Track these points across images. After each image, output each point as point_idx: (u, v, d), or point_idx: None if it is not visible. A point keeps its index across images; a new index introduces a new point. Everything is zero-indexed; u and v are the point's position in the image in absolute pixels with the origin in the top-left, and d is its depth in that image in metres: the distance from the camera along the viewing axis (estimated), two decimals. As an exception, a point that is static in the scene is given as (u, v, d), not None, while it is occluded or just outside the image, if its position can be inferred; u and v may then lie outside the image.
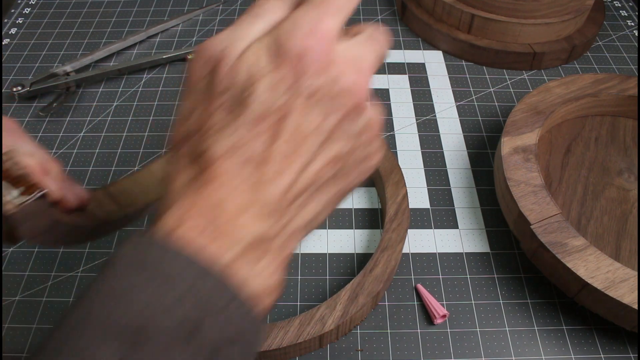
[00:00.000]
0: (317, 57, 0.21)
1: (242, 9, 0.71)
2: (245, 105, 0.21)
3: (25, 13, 0.71)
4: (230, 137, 0.21)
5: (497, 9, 0.60)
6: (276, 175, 0.21)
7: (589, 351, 0.39)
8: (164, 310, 0.19)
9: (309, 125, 0.22)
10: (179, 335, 0.19)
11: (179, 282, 0.19)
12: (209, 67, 0.23)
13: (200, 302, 0.19)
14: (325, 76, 0.22)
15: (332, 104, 0.22)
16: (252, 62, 0.22)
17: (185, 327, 0.19)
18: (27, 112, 0.57)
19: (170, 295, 0.19)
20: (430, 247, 0.45)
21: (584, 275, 0.37)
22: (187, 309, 0.19)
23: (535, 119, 0.48)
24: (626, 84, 0.52)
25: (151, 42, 0.66)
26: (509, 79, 0.61)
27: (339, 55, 0.22)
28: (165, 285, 0.19)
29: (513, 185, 0.43)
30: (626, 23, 0.69)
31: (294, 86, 0.21)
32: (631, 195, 0.47)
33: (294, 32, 0.21)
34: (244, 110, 0.21)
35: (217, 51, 0.22)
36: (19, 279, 0.43)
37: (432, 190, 0.49)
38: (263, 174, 0.21)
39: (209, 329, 0.19)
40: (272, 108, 0.21)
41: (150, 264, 0.19)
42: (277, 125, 0.21)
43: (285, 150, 0.21)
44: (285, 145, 0.21)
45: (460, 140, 0.54)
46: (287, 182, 0.22)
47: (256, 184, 0.21)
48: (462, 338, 0.40)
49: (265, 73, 0.21)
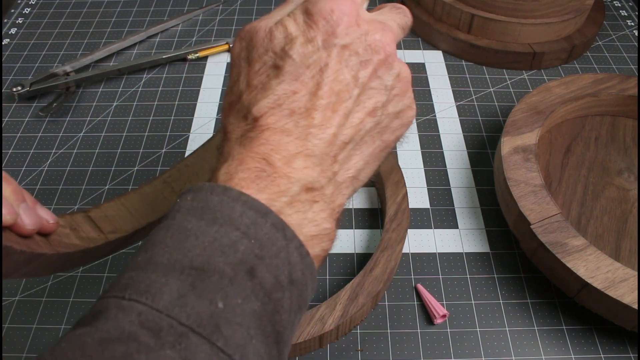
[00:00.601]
0: (345, 16, 0.24)
1: (242, 9, 0.71)
2: (284, 63, 0.23)
3: (25, 13, 0.71)
4: (273, 92, 0.23)
5: (497, 9, 0.60)
6: (320, 125, 0.23)
7: (589, 351, 0.39)
8: (223, 251, 0.20)
9: (345, 77, 0.24)
10: (237, 275, 0.19)
11: (237, 225, 0.20)
12: (247, 40, 0.25)
13: (258, 243, 0.20)
14: (354, 32, 0.24)
15: (363, 57, 0.24)
16: (286, 26, 0.24)
17: (243, 267, 0.20)
18: (27, 112, 0.57)
19: (228, 237, 0.20)
20: (430, 247, 0.45)
21: (584, 275, 0.37)
22: (245, 250, 0.20)
23: (535, 118, 0.48)
24: (626, 84, 0.52)
25: (151, 42, 0.66)
26: (509, 79, 0.61)
27: (364, 19, 0.25)
28: (224, 228, 0.20)
29: (513, 185, 0.43)
30: (626, 23, 0.69)
31: (327, 41, 0.23)
32: (631, 195, 0.47)
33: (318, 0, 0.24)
34: (284, 67, 0.23)
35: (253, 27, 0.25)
36: (19, 279, 0.43)
37: (432, 190, 0.49)
38: (308, 125, 0.23)
39: (266, 269, 0.20)
40: (309, 62, 0.23)
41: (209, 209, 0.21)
42: (315, 78, 0.23)
43: (326, 101, 0.23)
44: (325, 96, 0.23)
45: (460, 140, 0.54)
46: (331, 132, 0.23)
47: (302, 134, 0.23)
48: (462, 338, 0.40)
49: (300, 33, 0.24)
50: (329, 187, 0.23)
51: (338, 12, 0.24)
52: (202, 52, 0.63)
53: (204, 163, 0.37)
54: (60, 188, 0.49)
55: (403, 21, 0.27)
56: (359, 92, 0.24)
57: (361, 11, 0.25)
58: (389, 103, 0.25)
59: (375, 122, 0.25)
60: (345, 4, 0.24)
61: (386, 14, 0.27)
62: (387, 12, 0.27)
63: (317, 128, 0.23)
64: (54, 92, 0.59)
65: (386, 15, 0.27)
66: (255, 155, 0.22)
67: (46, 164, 0.52)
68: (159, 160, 0.52)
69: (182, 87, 0.60)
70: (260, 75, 0.24)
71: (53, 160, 0.52)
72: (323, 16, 0.24)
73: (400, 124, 0.26)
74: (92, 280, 0.43)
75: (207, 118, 0.56)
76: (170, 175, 0.37)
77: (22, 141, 0.54)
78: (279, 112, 0.23)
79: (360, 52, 0.24)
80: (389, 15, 0.27)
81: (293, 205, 0.22)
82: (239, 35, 0.25)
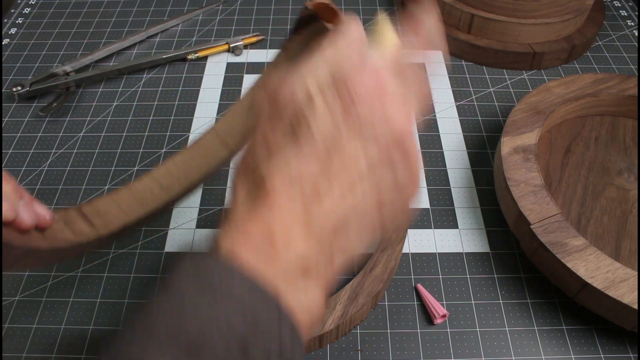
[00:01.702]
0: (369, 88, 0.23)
1: (242, 9, 0.71)
2: (301, 130, 0.23)
3: (25, 13, 0.71)
4: (285, 156, 0.23)
5: (497, 9, 0.60)
6: (325, 195, 0.23)
7: (589, 351, 0.39)
8: (220, 327, 0.19)
9: (356, 152, 0.23)
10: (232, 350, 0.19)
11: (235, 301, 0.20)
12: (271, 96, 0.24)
13: (254, 321, 0.20)
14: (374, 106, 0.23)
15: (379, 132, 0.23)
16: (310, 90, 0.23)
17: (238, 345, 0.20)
18: (27, 112, 0.57)
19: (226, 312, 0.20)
20: (430, 247, 0.45)
21: (584, 275, 0.37)
22: (240, 328, 0.20)
23: (535, 118, 0.48)
24: (626, 84, 0.52)
25: (151, 42, 0.66)
26: (509, 79, 0.61)
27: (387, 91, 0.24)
28: (222, 302, 0.20)
29: (513, 185, 0.43)
30: (626, 23, 0.69)
31: (347, 111, 0.23)
32: (631, 195, 0.47)
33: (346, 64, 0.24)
34: (300, 133, 0.23)
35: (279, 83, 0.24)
36: (19, 279, 0.43)
37: (432, 190, 0.49)
38: (312, 194, 0.22)
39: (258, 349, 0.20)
40: (325, 132, 0.23)
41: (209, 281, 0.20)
42: (328, 149, 0.23)
43: (335, 172, 0.23)
44: (334, 168, 0.23)
45: (460, 140, 0.54)
46: (334, 203, 0.23)
47: (306, 203, 0.22)
48: (462, 338, 0.40)
49: (321, 100, 0.23)
50: (324, 260, 0.23)
51: (361, 83, 0.23)
52: (202, 52, 0.63)
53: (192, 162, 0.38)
54: (60, 188, 0.49)
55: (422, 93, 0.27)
56: (367, 167, 0.24)
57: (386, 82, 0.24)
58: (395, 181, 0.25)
59: (377, 199, 0.24)
60: (369, 76, 0.24)
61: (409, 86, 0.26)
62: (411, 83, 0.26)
63: (321, 198, 0.23)
64: (54, 92, 0.59)
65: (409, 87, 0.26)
66: (258, 224, 0.22)
67: (46, 164, 0.52)
68: (159, 160, 0.52)
69: (182, 87, 0.60)
70: (276, 137, 0.24)
71: (53, 160, 0.52)
72: (346, 86, 0.23)
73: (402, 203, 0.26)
74: (92, 280, 0.43)
75: (207, 118, 0.56)
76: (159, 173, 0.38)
77: (22, 141, 0.54)
78: (286, 177, 0.23)
79: (377, 127, 0.24)
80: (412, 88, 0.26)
81: (289, 280, 0.22)
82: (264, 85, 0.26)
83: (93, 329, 0.40)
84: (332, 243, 0.23)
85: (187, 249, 0.45)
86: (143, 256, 0.44)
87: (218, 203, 0.48)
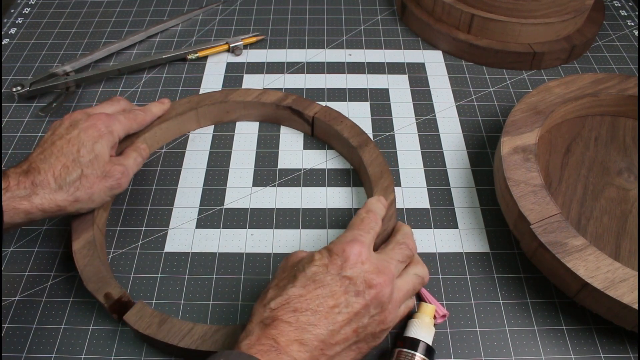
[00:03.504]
0: (353, 255, 0.34)
1: (242, 9, 0.71)
2: (300, 275, 0.34)
3: (25, 13, 0.71)
4: (286, 293, 0.33)
5: (497, 9, 0.60)
6: (314, 325, 0.31)
7: (589, 351, 0.39)
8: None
9: (340, 299, 0.32)
10: None
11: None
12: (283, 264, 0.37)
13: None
14: (358, 268, 0.33)
15: (360, 288, 0.33)
16: (314, 254, 0.35)
17: None
18: (26, 112, 0.57)
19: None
20: (430, 247, 0.45)
21: (584, 275, 0.37)
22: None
23: (535, 118, 0.48)
24: (626, 84, 0.52)
25: (151, 42, 0.66)
26: (509, 79, 0.61)
27: (369, 259, 0.34)
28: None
29: (513, 185, 0.43)
30: (626, 23, 0.69)
31: (337, 270, 0.33)
32: (631, 195, 0.47)
33: (338, 243, 0.35)
34: (298, 277, 0.33)
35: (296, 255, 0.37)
36: (19, 279, 0.43)
37: (432, 190, 0.49)
38: (305, 322, 0.31)
39: None
40: (316, 278, 0.33)
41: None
42: (318, 291, 0.32)
43: (322, 310, 0.32)
44: (322, 307, 0.32)
45: (460, 140, 0.54)
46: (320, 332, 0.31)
47: (300, 328, 0.31)
48: (462, 338, 0.40)
49: (319, 261, 0.34)
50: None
51: (348, 252, 0.34)
52: (201, 52, 0.63)
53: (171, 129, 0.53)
54: (60, 188, 0.49)
55: (404, 255, 0.37)
56: (349, 313, 0.32)
57: (369, 253, 0.35)
58: (370, 326, 0.33)
59: (356, 339, 0.33)
60: (355, 247, 0.34)
61: (389, 252, 0.37)
62: (390, 250, 0.37)
63: (311, 326, 0.31)
64: (54, 92, 0.59)
65: (389, 253, 0.37)
66: (268, 336, 0.31)
67: (46, 164, 0.52)
68: (159, 160, 0.52)
69: (182, 87, 0.60)
70: (283, 280, 0.34)
71: (53, 160, 0.52)
72: (337, 253, 0.34)
73: (374, 340, 0.35)
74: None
75: (207, 118, 0.56)
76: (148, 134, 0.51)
77: (22, 141, 0.54)
78: (287, 308, 0.32)
79: (358, 284, 0.33)
80: (392, 254, 0.37)
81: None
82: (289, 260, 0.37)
83: (93, 329, 0.40)
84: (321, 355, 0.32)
85: (187, 249, 0.45)
86: (143, 256, 0.44)
87: (218, 203, 0.48)
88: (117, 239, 0.45)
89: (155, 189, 0.49)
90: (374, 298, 0.33)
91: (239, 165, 0.51)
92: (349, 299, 0.33)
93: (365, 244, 0.35)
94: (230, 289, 0.42)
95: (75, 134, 0.41)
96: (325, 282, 0.33)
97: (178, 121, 0.52)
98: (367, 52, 0.64)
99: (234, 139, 0.54)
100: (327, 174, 0.51)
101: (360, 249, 0.34)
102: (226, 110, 0.54)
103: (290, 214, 0.47)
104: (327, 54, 0.64)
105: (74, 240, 0.41)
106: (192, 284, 0.42)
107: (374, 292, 0.33)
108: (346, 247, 0.34)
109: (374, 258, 0.35)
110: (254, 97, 0.53)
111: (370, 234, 0.36)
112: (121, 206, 0.48)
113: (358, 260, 0.34)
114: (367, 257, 0.34)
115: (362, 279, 0.33)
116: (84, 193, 0.40)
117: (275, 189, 0.49)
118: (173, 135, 0.53)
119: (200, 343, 0.36)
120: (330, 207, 0.48)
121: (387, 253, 0.37)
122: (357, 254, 0.34)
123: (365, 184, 0.48)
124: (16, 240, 0.46)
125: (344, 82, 0.60)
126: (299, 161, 0.52)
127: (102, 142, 0.42)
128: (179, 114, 0.52)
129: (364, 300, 0.33)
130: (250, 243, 0.45)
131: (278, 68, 0.62)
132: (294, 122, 0.54)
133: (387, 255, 0.37)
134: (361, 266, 0.34)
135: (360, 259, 0.34)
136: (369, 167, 0.46)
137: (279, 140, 0.54)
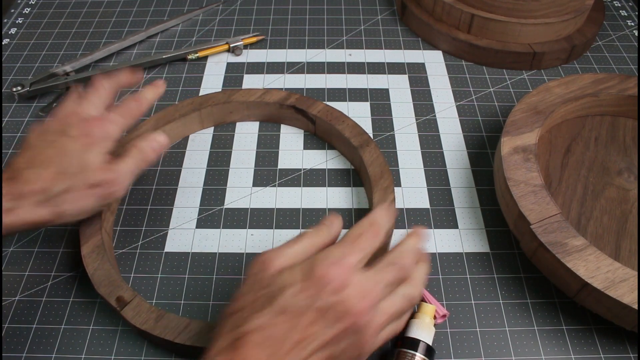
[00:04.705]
0: (335, 281, 0.30)
1: (242, 9, 0.71)
2: (278, 298, 0.30)
3: (25, 13, 0.71)
4: (262, 316, 0.30)
5: (497, 9, 0.60)
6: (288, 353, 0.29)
7: (589, 351, 0.39)
8: None
9: (316, 327, 0.30)
10: None
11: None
12: (260, 268, 0.32)
13: None
14: (336, 296, 0.30)
15: (339, 315, 0.30)
16: (292, 273, 0.31)
17: None
18: (27, 112, 0.57)
19: None
20: (430, 247, 0.45)
21: (584, 275, 0.37)
22: None
23: (535, 118, 0.48)
24: (626, 84, 0.52)
25: (151, 42, 0.66)
26: (509, 79, 0.61)
27: (353, 282, 0.31)
28: None
29: (513, 185, 0.43)
30: (626, 23, 0.69)
31: (316, 294, 0.30)
32: (631, 195, 0.47)
33: (323, 261, 0.31)
34: (276, 300, 0.30)
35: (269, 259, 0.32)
36: (19, 279, 0.43)
37: (432, 190, 0.49)
38: (278, 349, 0.29)
39: None
40: (295, 304, 0.30)
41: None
42: (295, 318, 0.29)
43: (297, 337, 0.29)
44: (297, 333, 0.29)
45: (460, 140, 0.54)
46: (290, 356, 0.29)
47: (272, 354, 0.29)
48: (462, 338, 0.40)
49: (299, 282, 0.30)
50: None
51: (331, 278, 0.30)
52: (202, 52, 0.63)
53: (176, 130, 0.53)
54: (60, 188, 0.49)
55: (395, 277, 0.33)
56: (324, 340, 0.30)
57: (354, 275, 0.31)
58: (347, 351, 0.31)
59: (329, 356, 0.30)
60: (338, 271, 0.30)
61: (379, 272, 0.32)
62: (380, 271, 0.32)
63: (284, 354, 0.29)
64: (54, 92, 0.59)
65: (379, 274, 0.32)
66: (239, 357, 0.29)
67: (46, 164, 0.52)
68: (159, 160, 0.52)
69: (182, 87, 0.60)
70: (259, 299, 0.30)
71: (53, 160, 0.52)
72: (317, 276, 0.30)
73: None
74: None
75: (207, 118, 0.56)
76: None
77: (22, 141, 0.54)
78: (260, 333, 0.29)
79: (338, 311, 0.30)
80: (381, 275, 0.32)
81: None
82: (257, 259, 0.32)
83: (93, 329, 0.40)
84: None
85: (187, 249, 0.45)
86: (143, 256, 0.44)
87: (218, 203, 0.48)
88: (118, 239, 0.45)
89: (155, 189, 0.49)
90: (352, 325, 0.30)
91: (239, 165, 0.51)
92: (323, 330, 0.30)
93: (352, 266, 0.31)
94: (231, 289, 0.42)
95: (66, 142, 0.38)
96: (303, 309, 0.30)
97: (181, 123, 0.52)
98: (367, 52, 0.64)
99: (234, 139, 0.54)
100: (327, 174, 0.51)
101: (344, 273, 0.31)
102: (229, 110, 0.54)
103: (290, 214, 0.47)
104: (327, 54, 0.64)
105: (82, 245, 0.41)
106: (192, 284, 0.42)
107: (351, 320, 0.30)
108: (330, 270, 0.31)
109: (359, 279, 0.31)
110: (257, 97, 0.53)
111: (363, 253, 0.33)
112: (121, 206, 0.48)
113: (340, 286, 0.30)
114: (351, 280, 0.31)
115: (341, 306, 0.30)
116: (72, 206, 0.38)
117: (276, 189, 0.49)
118: (177, 137, 0.53)
119: (197, 339, 0.36)
120: (331, 207, 0.48)
121: (376, 272, 0.33)
122: (340, 279, 0.30)
123: (366, 184, 0.48)
124: (16, 240, 0.46)
125: (344, 82, 0.60)
126: (299, 161, 0.52)
127: (95, 150, 0.39)
128: (182, 115, 0.52)
129: (343, 326, 0.30)
130: (250, 243, 0.45)
131: (278, 68, 0.62)
132: (297, 121, 0.54)
133: (376, 275, 0.32)
134: (342, 292, 0.30)
135: (343, 283, 0.30)
136: (369, 167, 0.47)
137: (279, 140, 0.54)
